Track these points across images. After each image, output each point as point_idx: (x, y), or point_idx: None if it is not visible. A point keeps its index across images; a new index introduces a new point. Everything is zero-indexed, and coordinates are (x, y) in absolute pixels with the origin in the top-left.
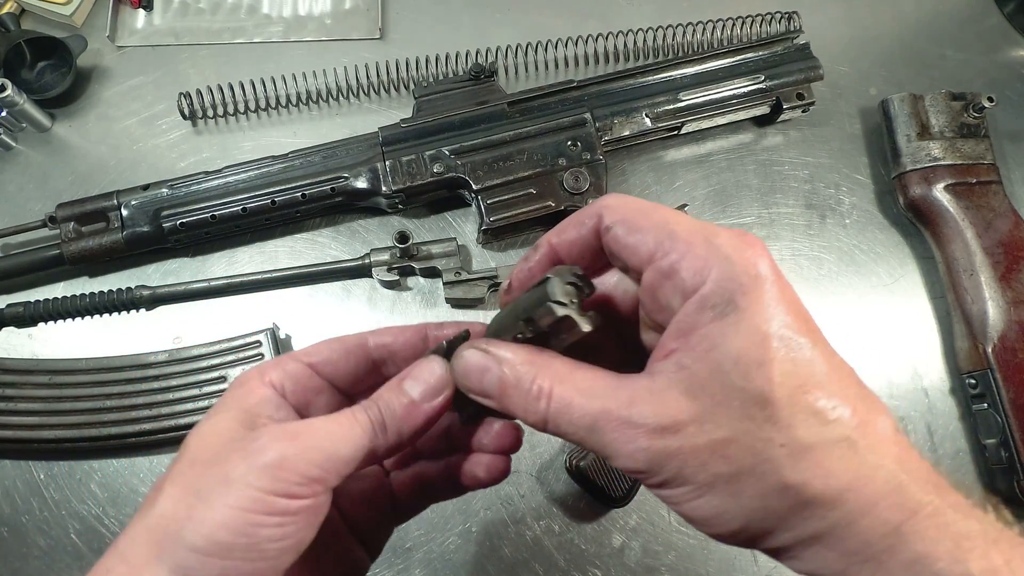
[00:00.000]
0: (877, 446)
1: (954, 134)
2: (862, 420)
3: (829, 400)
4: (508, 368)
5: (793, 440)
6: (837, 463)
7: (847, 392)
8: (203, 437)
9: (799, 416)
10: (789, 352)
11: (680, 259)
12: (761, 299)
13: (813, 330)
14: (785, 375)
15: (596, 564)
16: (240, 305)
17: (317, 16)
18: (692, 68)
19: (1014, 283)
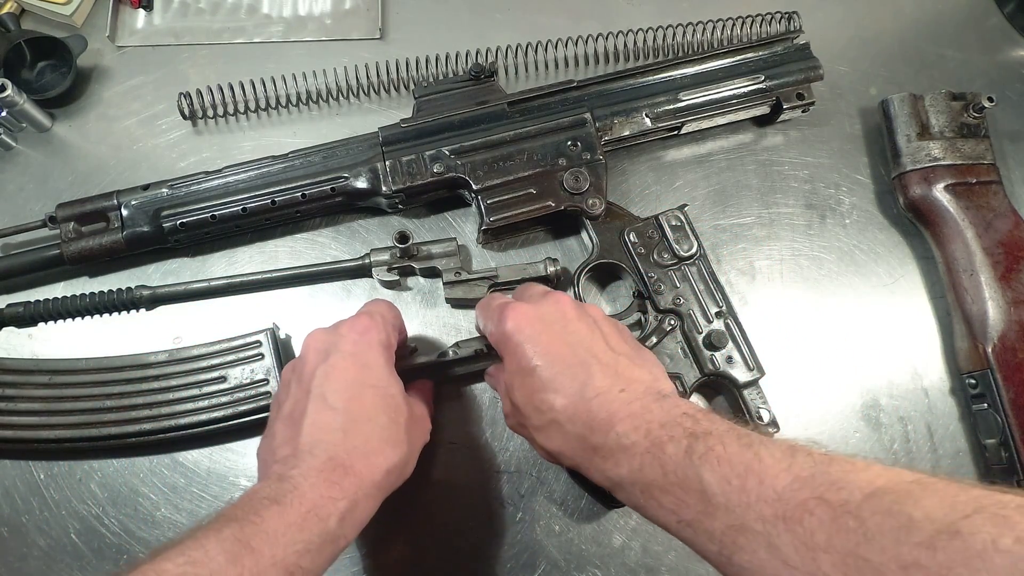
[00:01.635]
0: (574, 419)
1: (954, 134)
2: (565, 404)
3: (544, 399)
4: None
5: (533, 424)
6: (553, 432)
7: (562, 390)
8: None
9: (530, 410)
10: (521, 378)
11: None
12: (506, 353)
13: (539, 355)
14: (520, 391)
15: (596, 564)
16: (240, 305)
17: (317, 16)
18: (692, 68)
19: (1014, 283)
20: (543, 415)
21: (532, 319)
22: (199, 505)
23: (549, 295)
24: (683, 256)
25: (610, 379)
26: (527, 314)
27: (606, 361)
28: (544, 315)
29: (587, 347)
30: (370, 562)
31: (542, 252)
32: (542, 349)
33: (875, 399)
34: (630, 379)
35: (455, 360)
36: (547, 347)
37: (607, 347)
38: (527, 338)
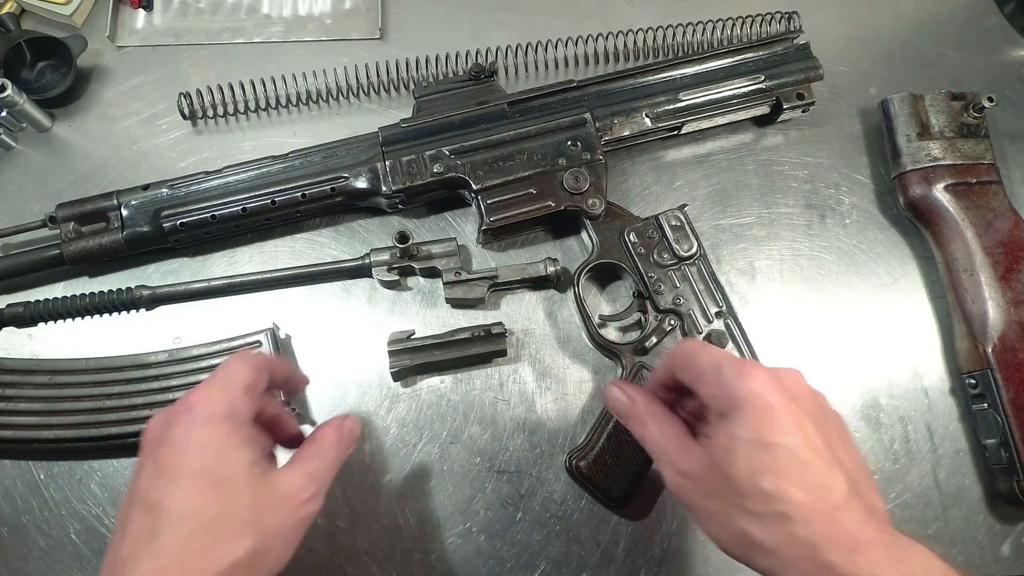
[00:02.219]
0: (809, 521)
1: (954, 134)
2: (805, 502)
3: (780, 485)
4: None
5: (746, 506)
6: (774, 526)
7: (806, 484)
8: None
9: (752, 490)
10: (753, 449)
11: (705, 387)
12: (740, 415)
13: (788, 432)
14: (746, 463)
15: (596, 564)
16: (240, 305)
17: (317, 16)
18: (692, 68)
19: (1014, 283)
20: (769, 503)
21: (778, 387)
22: None
23: (778, 369)
24: (683, 256)
25: (856, 495)
26: (771, 378)
27: (851, 470)
28: (790, 388)
29: (833, 446)
30: (370, 561)
31: (542, 252)
32: (793, 427)
33: (875, 399)
34: (874, 503)
35: (457, 341)
36: (799, 427)
37: (849, 459)
38: (779, 407)
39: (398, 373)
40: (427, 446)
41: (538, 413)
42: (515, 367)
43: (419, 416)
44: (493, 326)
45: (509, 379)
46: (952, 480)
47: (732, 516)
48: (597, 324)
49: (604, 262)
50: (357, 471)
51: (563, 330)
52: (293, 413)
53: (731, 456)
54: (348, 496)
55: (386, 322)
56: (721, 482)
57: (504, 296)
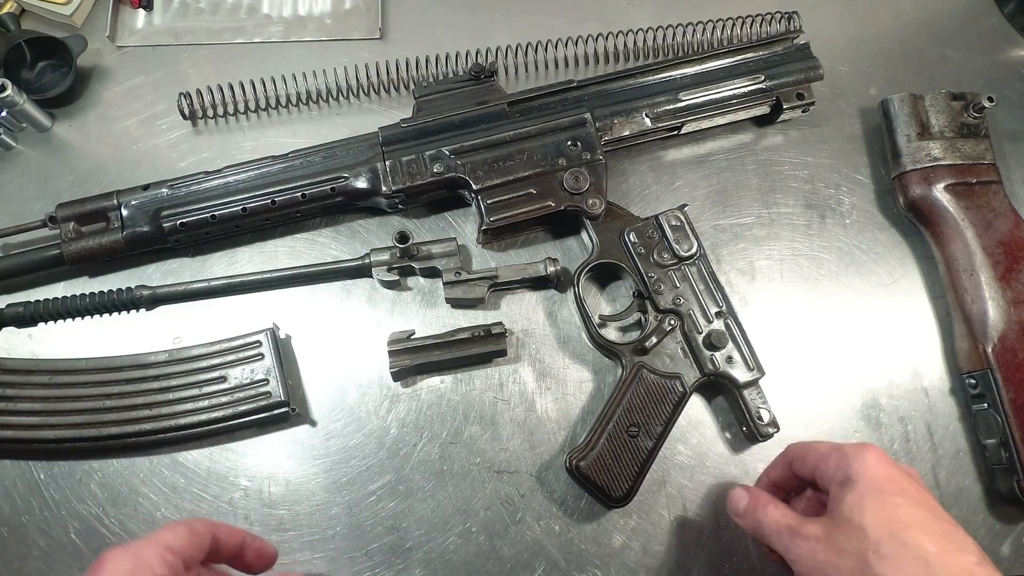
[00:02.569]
0: (947, 568)
1: (954, 134)
2: (940, 552)
3: (910, 534)
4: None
5: (881, 551)
6: (908, 568)
7: (933, 532)
8: None
9: (885, 539)
10: (881, 504)
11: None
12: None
13: (907, 491)
14: (876, 515)
15: (596, 564)
16: (240, 305)
17: (317, 16)
18: (692, 68)
19: (1014, 283)
20: (905, 548)
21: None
22: (199, 505)
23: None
24: (683, 256)
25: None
26: (884, 453)
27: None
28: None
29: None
30: (370, 561)
31: (542, 252)
32: (908, 491)
33: (875, 399)
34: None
35: (457, 341)
36: (914, 493)
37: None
38: (898, 473)
39: (398, 373)
40: (427, 446)
41: (538, 413)
42: (515, 367)
43: (419, 416)
44: (493, 326)
45: (509, 379)
46: (952, 480)
47: (865, 563)
48: (597, 324)
49: (604, 262)
50: (358, 471)
51: (563, 330)
52: (293, 413)
53: (862, 511)
54: (348, 496)
55: (386, 322)
56: (853, 538)
57: (504, 296)
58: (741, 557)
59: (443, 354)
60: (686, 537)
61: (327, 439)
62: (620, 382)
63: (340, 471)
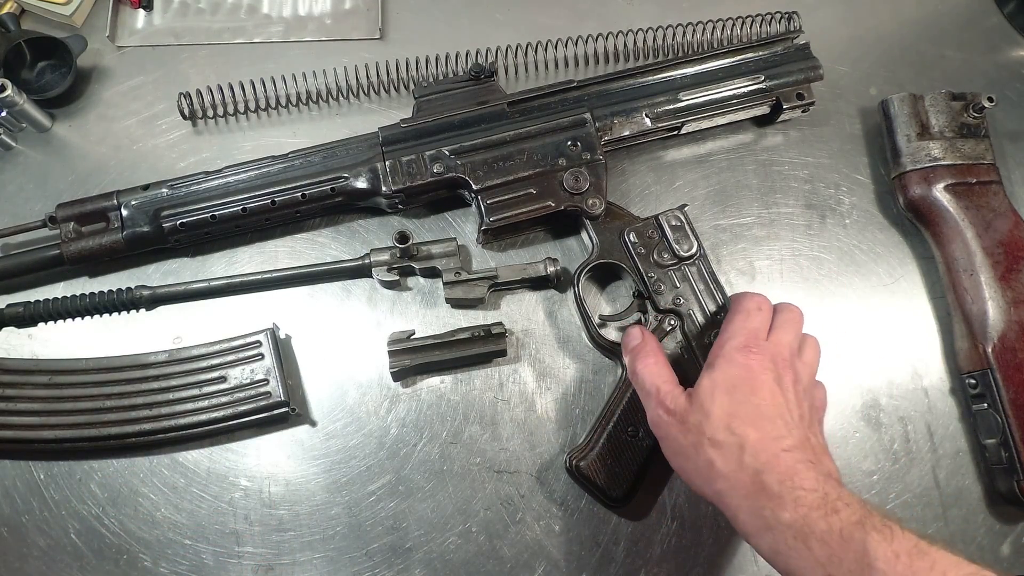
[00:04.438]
0: (758, 453)
1: (954, 134)
2: (759, 439)
3: (740, 426)
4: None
5: (715, 439)
6: (730, 454)
7: (759, 425)
8: None
9: (721, 427)
10: (728, 396)
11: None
12: (723, 365)
13: (756, 386)
14: (721, 406)
15: (596, 564)
16: (240, 305)
17: (317, 16)
18: (692, 68)
19: (1014, 283)
20: (733, 436)
21: (766, 364)
22: (199, 505)
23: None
24: (683, 256)
25: (801, 436)
26: (761, 353)
27: (802, 426)
28: (777, 366)
29: (796, 412)
30: (370, 561)
31: (542, 252)
32: (762, 390)
33: (875, 399)
34: (819, 455)
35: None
36: (767, 393)
37: (803, 412)
38: (757, 374)
39: (398, 373)
40: (427, 446)
41: (538, 413)
42: (515, 367)
43: (419, 416)
44: (493, 326)
45: (509, 379)
46: (952, 480)
47: (700, 447)
48: (597, 324)
49: (604, 262)
50: (358, 471)
51: (563, 330)
52: (293, 413)
53: (713, 399)
54: (348, 496)
55: (386, 322)
56: (697, 419)
57: (504, 296)
58: (741, 557)
59: (443, 354)
60: (686, 537)
61: (327, 439)
62: (620, 382)
63: (340, 471)
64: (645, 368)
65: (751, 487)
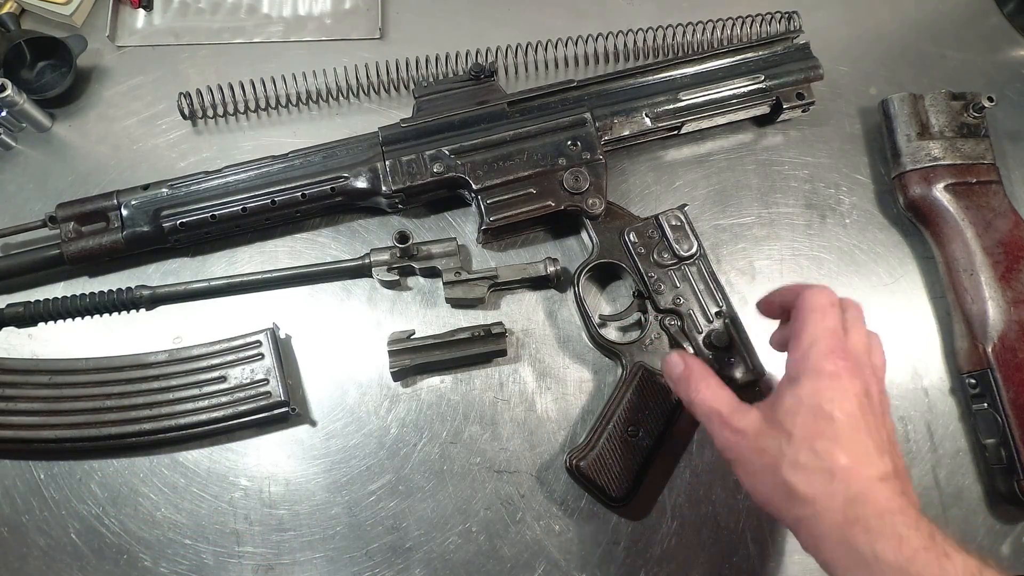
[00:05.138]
0: (850, 482)
1: (954, 134)
2: (849, 465)
3: (827, 449)
4: (688, 367)
5: (797, 462)
6: (817, 479)
7: (850, 449)
8: None
9: (804, 451)
10: (814, 415)
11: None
12: (809, 382)
13: (848, 409)
14: (804, 425)
15: (596, 564)
16: (240, 305)
17: (317, 16)
18: (692, 68)
19: (1014, 283)
20: (818, 460)
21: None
22: (199, 505)
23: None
24: (683, 256)
25: (897, 479)
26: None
27: (892, 450)
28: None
29: (881, 420)
30: (370, 561)
31: (542, 252)
32: (849, 409)
33: None
34: (907, 485)
35: (457, 341)
36: (854, 410)
37: (889, 431)
38: (847, 386)
39: (398, 373)
40: (427, 446)
41: (538, 413)
42: (515, 367)
43: (419, 416)
44: (493, 326)
45: (509, 379)
46: (952, 480)
47: (779, 469)
48: (597, 324)
49: (604, 262)
50: (358, 471)
51: (563, 330)
52: (293, 413)
53: (793, 417)
54: (348, 496)
55: (386, 322)
56: (775, 439)
57: (504, 296)
58: (741, 557)
59: (443, 354)
60: (686, 537)
61: (327, 439)
62: (620, 382)
63: (340, 471)
64: (699, 396)
65: (842, 518)
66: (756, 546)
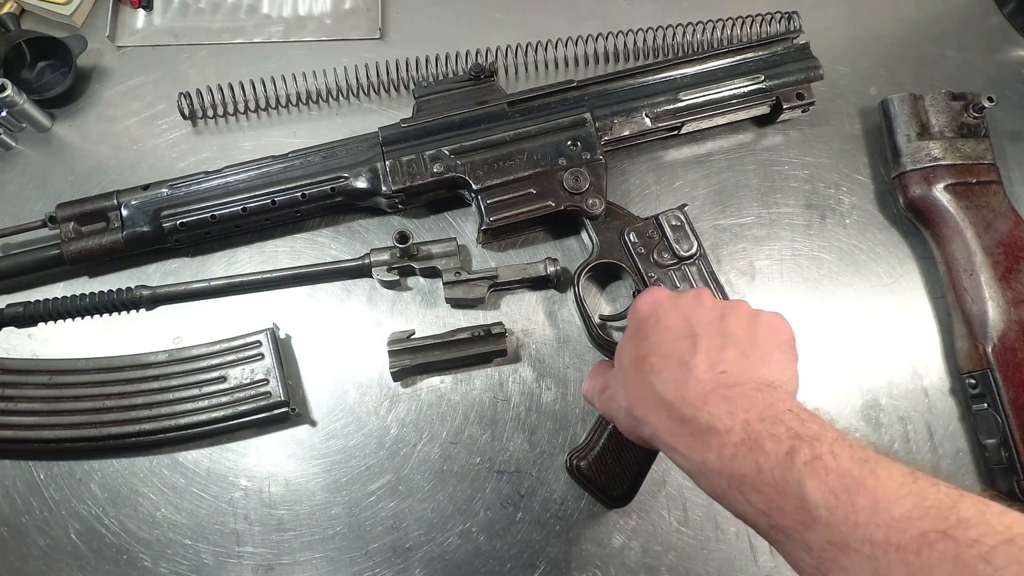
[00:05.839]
0: (668, 385)
1: (954, 134)
2: (664, 367)
3: (648, 360)
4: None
5: (628, 383)
6: (644, 394)
7: (664, 353)
8: None
9: (631, 371)
10: (635, 341)
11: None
12: (629, 318)
13: (660, 324)
14: (629, 352)
15: (596, 564)
16: (240, 305)
17: (317, 16)
18: (692, 68)
19: (1014, 283)
20: (641, 374)
21: (667, 296)
22: (199, 505)
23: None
24: (683, 256)
25: (712, 357)
26: (663, 292)
27: (716, 340)
28: (680, 297)
29: (705, 323)
30: (370, 561)
31: (542, 252)
32: (664, 318)
33: (875, 399)
34: (734, 362)
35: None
36: (668, 319)
37: (723, 329)
38: (657, 306)
39: (398, 373)
40: (427, 446)
41: (538, 413)
42: (515, 367)
43: (419, 416)
44: (493, 326)
45: (509, 379)
46: (952, 480)
47: (622, 399)
48: (597, 324)
49: (604, 262)
50: (358, 471)
51: (563, 330)
52: (293, 413)
53: (622, 351)
54: (348, 496)
55: (386, 322)
56: (617, 378)
57: (504, 296)
58: (742, 556)
59: (443, 354)
60: (686, 537)
61: (327, 439)
62: None
63: (340, 471)
64: (585, 385)
65: (672, 425)
66: (756, 546)
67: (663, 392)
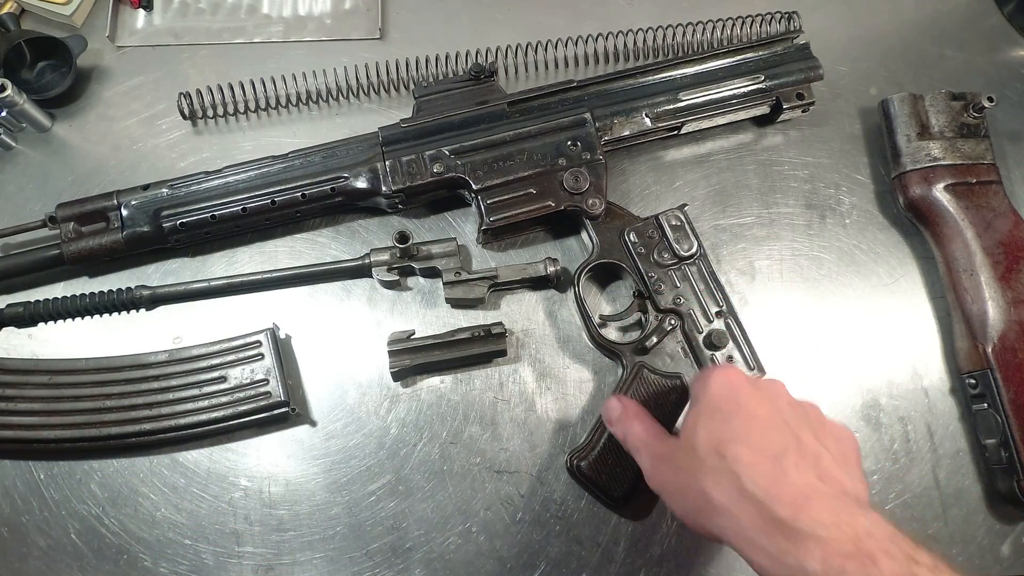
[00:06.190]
0: (757, 478)
1: (954, 134)
2: (752, 461)
3: (730, 447)
4: (624, 407)
5: (705, 467)
6: (726, 483)
7: (751, 442)
8: None
9: (711, 455)
10: (714, 421)
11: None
12: (702, 392)
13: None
14: (706, 432)
15: (596, 564)
16: (240, 305)
17: (317, 16)
18: (692, 68)
19: (1014, 283)
20: (723, 462)
21: (744, 380)
22: (199, 505)
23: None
24: (683, 256)
25: (809, 461)
26: (738, 374)
27: (811, 444)
28: (759, 383)
29: (794, 425)
30: (370, 561)
31: (542, 252)
32: (746, 405)
33: (875, 399)
34: (829, 471)
35: (457, 341)
36: (752, 406)
37: (813, 436)
38: (736, 389)
39: (398, 373)
40: (427, 446)
41: (538, 413)
42: (515, 367)
43: (419, 416)
44: (493, 326)
45: (509, 379)
46: (952, 480)
47: (693, 481)
48: (597, 324)
49: (604, 262)
50: (358, 471)
51: (563, 330)
52: (293, 413)
53: (696, 429)
54: (348, 496)
55: (386, 322)
56: (688, 456)
57: (504, 296)
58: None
59: (443, 354)
60: (686, 537)
61: (327, 439)
62: (620, 382)
63: (340, 471)
64: (631, 430)
65: (761, 522)
66: None
67: (753, 488)
